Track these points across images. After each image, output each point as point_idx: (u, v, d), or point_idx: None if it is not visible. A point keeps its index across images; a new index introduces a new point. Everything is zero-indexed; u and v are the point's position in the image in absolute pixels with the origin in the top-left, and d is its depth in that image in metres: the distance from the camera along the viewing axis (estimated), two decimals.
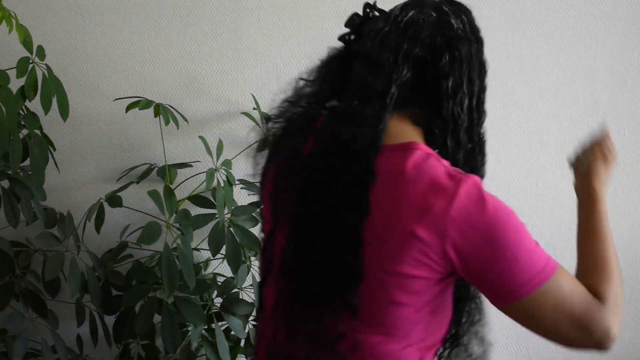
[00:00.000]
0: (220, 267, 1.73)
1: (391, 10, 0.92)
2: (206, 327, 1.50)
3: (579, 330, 0.83)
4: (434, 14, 0.91)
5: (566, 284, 0.83)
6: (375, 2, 0.95)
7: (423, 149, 0.88)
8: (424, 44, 0.89)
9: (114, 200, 1.51)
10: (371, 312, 0.86)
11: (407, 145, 0.88)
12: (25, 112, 1.41)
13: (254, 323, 1.58)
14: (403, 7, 0.91)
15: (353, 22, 0.95)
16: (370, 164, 0.85)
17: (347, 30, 0.96)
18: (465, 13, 0.94)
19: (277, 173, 0.97)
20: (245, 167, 1.69)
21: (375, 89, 0.87)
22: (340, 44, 0.97)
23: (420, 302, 0.86)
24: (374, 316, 0.86)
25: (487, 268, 0.82)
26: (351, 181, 0.85)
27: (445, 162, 0.87)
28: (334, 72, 0.95)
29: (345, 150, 0.86)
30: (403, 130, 0.91)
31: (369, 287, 0.85)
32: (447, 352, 1.01)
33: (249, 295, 1.67)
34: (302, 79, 0.98)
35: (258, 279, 1.28)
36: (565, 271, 0.85)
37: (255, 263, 1.60)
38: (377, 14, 0.94)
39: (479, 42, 0.94)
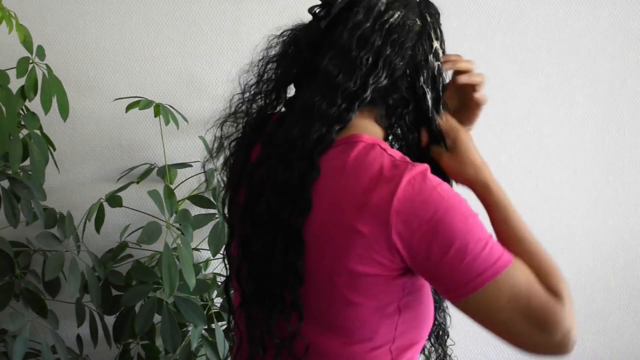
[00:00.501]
0: (220, 267, 1.73)
1: (373, 3, 0.86)
2: (206, 327, 1.50)
3: (538, 330, 0.76)
4: (419, 22, 0.88)
5: (522, 279, 0.78)
6: None
7: (367, 140, 0.84)
8: (405, 56, 0.86)
9: (114, 200, 1.51)
10: (326, 314, 0.84)
11: (350, 138, 0.84)
12: (25, 112, 1.41)
13: None
14: (387, 5, 0.86)
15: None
16: (314, 161, 0.82)
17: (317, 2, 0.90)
18: (438, 20, 0.92)
19: (230, 177, 0.95)
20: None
21: (347, 89, 0.83)
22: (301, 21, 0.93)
23: (377, 302, 0.82)
24: (330, 319, 0.84)
25: (435, 260, 0.77)
26: (293, 179, 0.82)
27: (393, 152, 0.84)
28: (296, 54, 0.91)
29: (291, 149, 0.83)
30: (356, 124, 0.87)
31: (320, 287, 0.82)
32: (440, 348, 1.01)
33: None
34: (266, 60, 0.95)
35: None
36: (522, 266, 0.79)
37: None
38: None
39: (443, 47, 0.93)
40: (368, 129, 0.87)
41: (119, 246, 1.58)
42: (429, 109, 0.90)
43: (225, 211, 0.98)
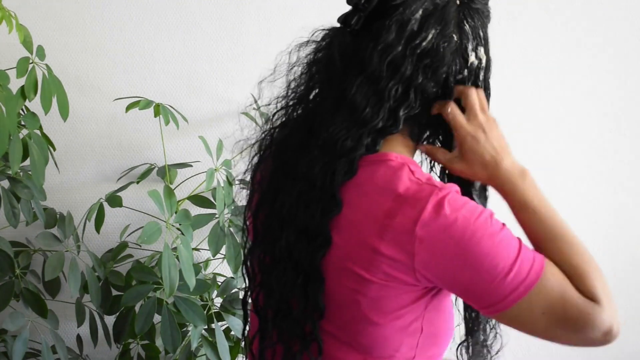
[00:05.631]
0: (220, 267, 1.73)
1: (407, 18, 0.79)
2: (206, 327, 1.50)
3: (576, 333, 0.76)
4: (455, 38, 0.81)
5: (555, 287, 0.76)
6: None
7: (395, 159, 0.81)
8: (439, 81, 0.82)
9: (114, 200, 1.51)
10: (348, 332, 0.83)
11: (378, 157, 0.82)
12: (25, 112, 1.41)
13: None
14: (422, 21, 0.79)
15: (359, 3, 0.81)
16: (337, 198, 0.80)
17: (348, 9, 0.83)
18: (484, 23, 0.86)
19: (254, 190, 0.92)
20: (244, 167, 1.69)
21: (375, 125, 0.79)
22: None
23: (400, 321, 0.81)
24: (351, 336, 0.83)
25: (466, 282, 0.76)
26: (315, 220, 0.80)
27: (421, 174, 0.81)
28: (325, 67, 0.86)
29: (312, 189, 0.80)
30: (384, 142, 0.84)
31: (342, 307, 0.82)
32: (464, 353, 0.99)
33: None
34: (293, 69, 0.91)
35: None
36: (555, 271, 0.77)
37: None
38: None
39: (489, 62, 0.88)
40: (397, 147, 0.85)
41: (119, 246, 1.58)
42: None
43: (247, 222, 0.96)
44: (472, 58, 0.84)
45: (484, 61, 0.86)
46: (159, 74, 1.70)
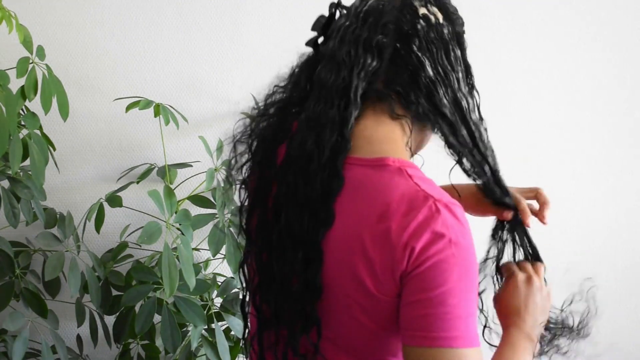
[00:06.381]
0: (220, 267, 1.73)
1: (352, 4, 0.87)
2: (206, 327, 1.50)
3: None
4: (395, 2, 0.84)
5: None
6: (340, 0, 0.89)
7: (393, 163, 0.81)
8: (387, 30, 0.83)
9: (114, 200, 1.51)
10: (345, 338, 0.83)
11: (376, 161, 0.82)
12: (25, 112, 1.41)
13: None
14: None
15: (319, 24, 0.90)
16: (338, 170, 0.80)
17: (314, 34, 0.90)
18: None
19: (255, 187, 0.93)
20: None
21: (338, 87, 0.82)
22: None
23: (396, 328, 0.80)
24: (349, 342, 0.83)
25: (414, 298, 0.75)
26: (316, 192, 0.80)
27: (420, 179, 0.80)
28: (303, 78, 0.90)
29: (309, 162, 0.81)
30: (378, 133, 0.84)
31: (338, 311, 0.82)
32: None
33: None
34: (276, 86, 0.93)
35: None
36: (480, 358, 0.76)
37: None
38: (344, 11, 0.88)
39: (452, 23, 0.86)
40: (397, 150, 0.84)
41: (119, 246, 1.58)
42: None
43: (243, 222, 0.95)
44: (422, 6, 0.85)
45: (440, 19, 0.85)
46: (159, 74, 1.70)
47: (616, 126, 1.88)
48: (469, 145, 0.86)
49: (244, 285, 0.97)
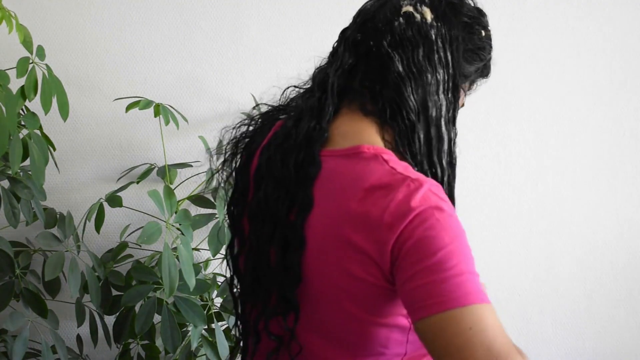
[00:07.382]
0: (220, 267, 1.73)
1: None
2: (206, 327, 1.50)
3: None
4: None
5: (491, 321, 0.71)
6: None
7: (369, 150, 0.81)
8: (365, 28, 0.85)
9: (114, 200, 1.51)
10: (333, 329, 0.83)
11: (352, 149, 0.82)
12: (25, 112, 1.41)
13: None
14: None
15: None
16: (315, 155, 0.82)
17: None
18: None
19: (236, 178, 0.97)
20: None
21: (320, 81, 0.88)
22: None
23: (383, 318, 0.80)
24: (337, 334, 0.83)
25: (413, 271, 0.73)
26: (290, 170, 0.82)
27: (395, 163, 0.80)
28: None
29: (287, 139, 0.85)
30: (353, 128, 0.85)
31: (325, 302, 0.81)
32: None
33: None
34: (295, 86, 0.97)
35: None
36: (494, 312, 0.72)
37: None
38: None
39: (451, 26, 0.85)
40: (371, 140, 0.84)
41: (119, 246, 1.58)
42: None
43: (227, 211, 0.99)
44: (406, 4, 0.85)
45: (429, 18, 0.84)
46: (159, 74, 1.70)
47: (616, 126, 1.88)
48: (421, 151, 0.85)
49: (230, 267, 0.99)
